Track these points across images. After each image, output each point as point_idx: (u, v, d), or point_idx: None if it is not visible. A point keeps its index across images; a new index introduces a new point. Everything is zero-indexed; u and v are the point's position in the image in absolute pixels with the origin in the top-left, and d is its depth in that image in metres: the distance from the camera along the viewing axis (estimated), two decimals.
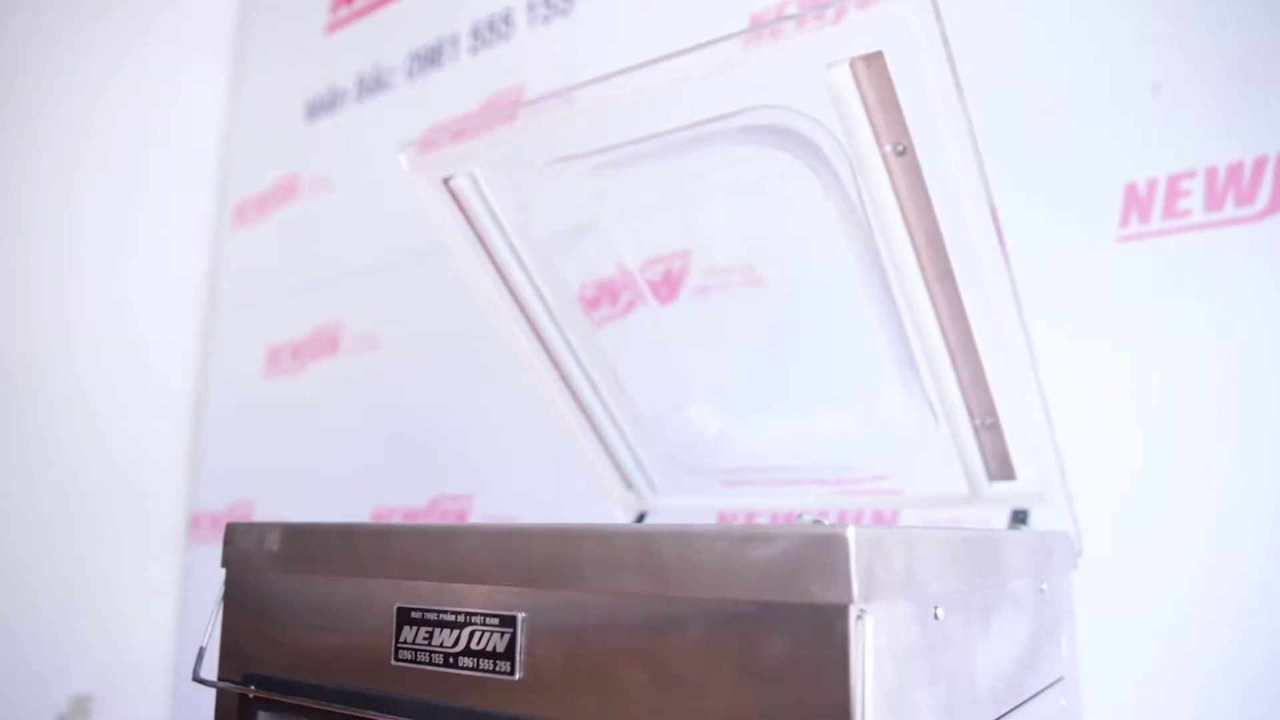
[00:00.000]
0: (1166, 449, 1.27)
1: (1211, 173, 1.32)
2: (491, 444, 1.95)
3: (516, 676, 0.64)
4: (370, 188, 2.36)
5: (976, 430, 1.02)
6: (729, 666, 0.55)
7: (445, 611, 0.69)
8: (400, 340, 2.22)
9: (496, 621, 0.66)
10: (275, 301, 2.58)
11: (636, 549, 0.59)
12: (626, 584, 0.59)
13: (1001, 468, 1.05)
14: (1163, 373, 1.29)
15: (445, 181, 1.09)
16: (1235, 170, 1.29)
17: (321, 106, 2.60)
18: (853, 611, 0.52)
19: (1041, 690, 0.89)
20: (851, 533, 0.52)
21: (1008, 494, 1.07)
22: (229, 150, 2.86)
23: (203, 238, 2.82)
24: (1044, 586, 0.94)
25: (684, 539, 0.57)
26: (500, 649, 0.65)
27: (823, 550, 0.53)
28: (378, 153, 2.20)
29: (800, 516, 0.56)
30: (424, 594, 0.70)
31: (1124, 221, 1.39)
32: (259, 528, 0.85)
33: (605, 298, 1.37)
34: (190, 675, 0.86)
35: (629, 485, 1.28)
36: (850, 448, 1.12)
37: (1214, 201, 1.32)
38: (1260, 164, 1.27)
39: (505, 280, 1.19)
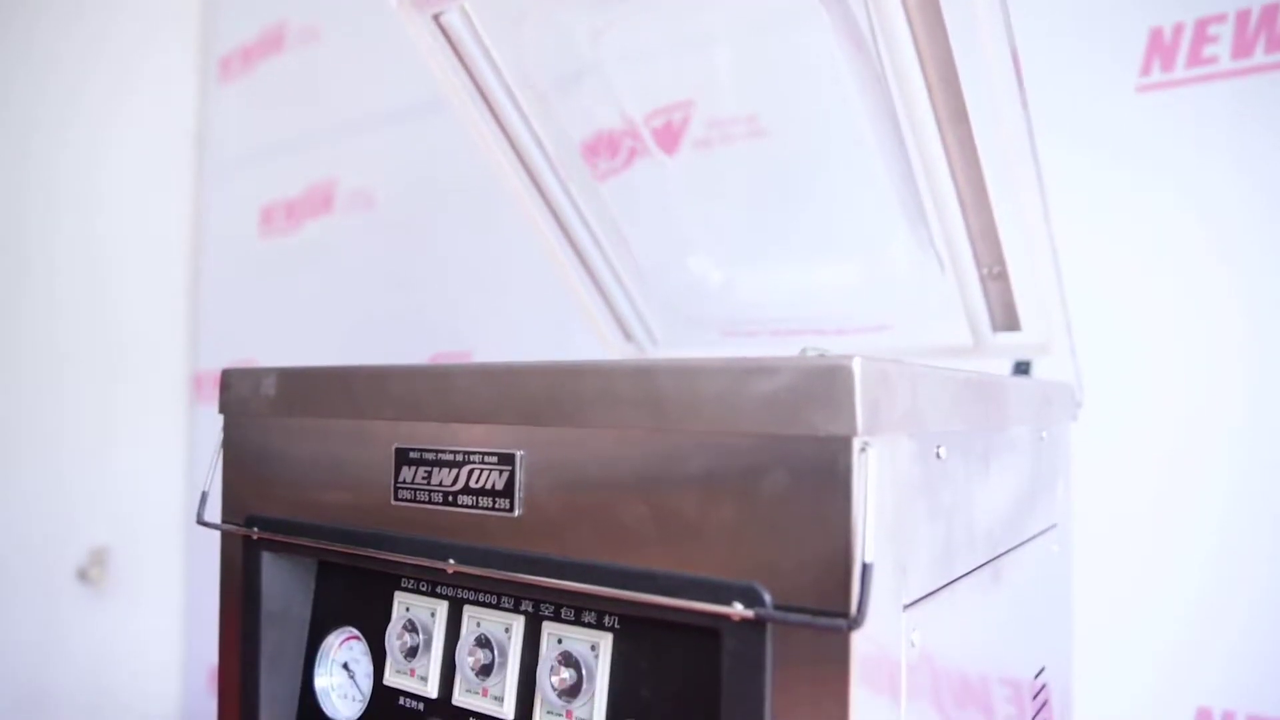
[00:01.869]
0: (1177, 306, 1.25)
1: (1243, 16, 1.26)
2: (491, 300, 1.93)
3: (516, 514, 0.64)
4: (360, 36, 2.27)
5: (983, 279, 1.00)
6: (730, 501, 0.55)
7: (444, 451, 0.68)
8: (396, 197, 2.17)
9: (495, 459, 0.65)
10: (266, 159, 2.52)
11: (637, 384, 0.58)
12: (627, 419, 0.59)
13: (1006, 318, 1.04)
14: (1178, 229, 1.26)
15: (435, 18, 1.04)
16: (1270, 13, 1.23)
17: None
18: (856, 444, 0.51)
19: (1036, 535, 0.91)
20: (857, 364, 0.51)
21: (1011, 345, 1.06)
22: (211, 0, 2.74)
23: (188, 94, 2.73)
24: (1044, 435, 0.94)
25: (685, 373, 0.56)
26: (499, 487, 0.65)
27: (827, 381, 0.51)
28: None
29: (804, 350, 0.54)
30: (422, 434, 0.70)
31: (1145, 69, 1.33)
32: (255, 373, 0.84)
33: (605, 150, 1.32)
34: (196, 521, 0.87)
35: (629, 337, 1.27)
36: (853, 298, 1.11)
37: (1243, 48, 1.26)
38: None
39: (504, 129, 1.14)
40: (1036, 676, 0.92)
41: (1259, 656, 1.21)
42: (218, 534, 0.87)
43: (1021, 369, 1.07)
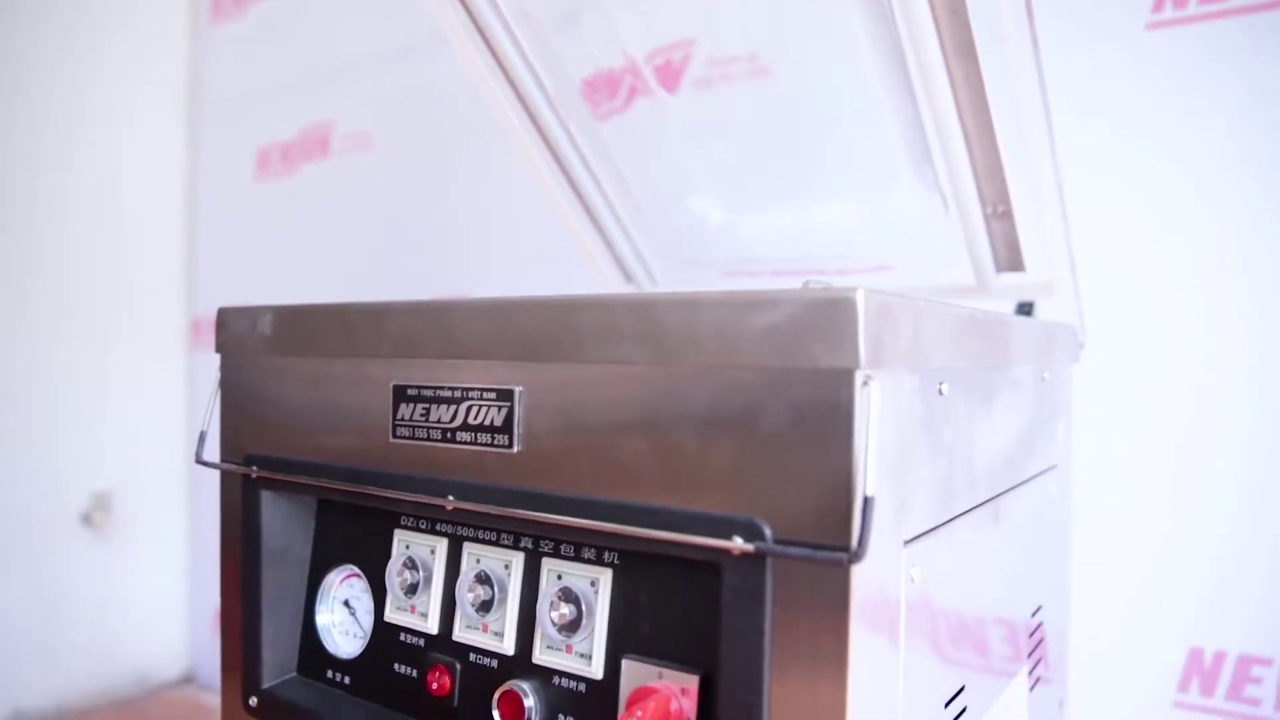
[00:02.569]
0: (1183, 248, 1.24)
1: None
2: (490, 243, 1.92)
3: (515, 450, 0.64)
4: None
5: (987, 219, 0.99)
6: (730, 435, 0.55)
7: (442, 387, 0.68)
8: (394, 139, 2.14)
9: (494, 395, 0.65)
10: (261, 102, 2.48)
11: (637, 317, 0.57)
12: (626, 354, 0.58)
13: (1010, 258, 1.03)
14: (1186, 170, 1.24)
15: None
16: None
17: None
18: (858, 377, 0.50)
19: (1035, 475, 0.91)
20: (860, 295, 0.50)
21: (1015, 285, 1.05)
22: None
23: (181, 35, 2.68)
24: (1045, 375, 0.93)
25: (685, 306, 0.55)
26: (498, 423, 0.64)
27: (829, 314, 0.51)
28: None
29: (806, 283, 0.54)
30: (420, 371, 0.69)
31: (1157, 5, 1.30)
32: (251, 311, 0.83)
33: (605, 88, 1.30)
34: (195, 460, 0.87)
35: (629, 278, 1.26)
36: (855, 238, 1.10)
37: None
38: None
39: (503, 68, 1.12)
40: (1033, 615, 0.93)
41: (1250, 598, 1.23)
42: (220, 476, 0.86)
43: (1024, 310, 1.06)
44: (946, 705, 0.67)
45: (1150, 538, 1.29)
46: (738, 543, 0.53)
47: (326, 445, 0.77)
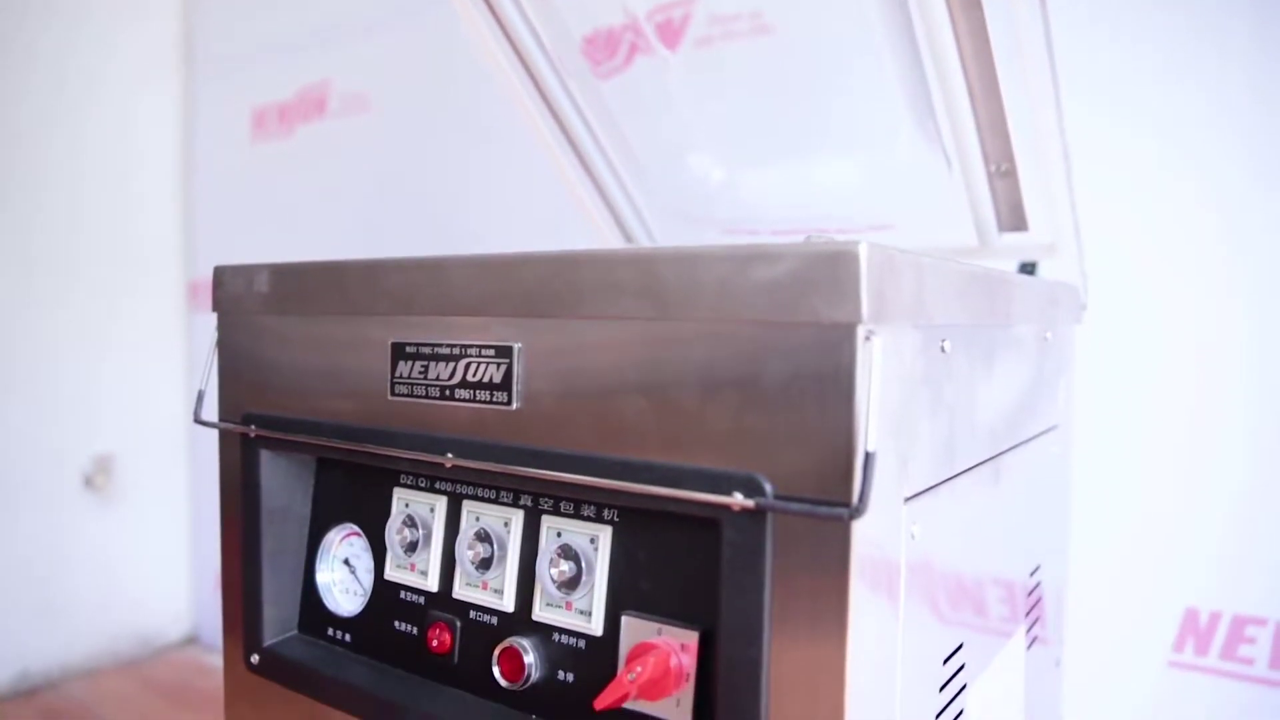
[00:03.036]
0: (1188, 209, 1.23)
1: None
2: (489, 204, 1.90)
3: (514, 407, 0.64)
4: None
5: (991, 177, 0.98)
6: (730, 391, 0.54)
7: (440, 345, 0.67)
8: (391, 99, 2.12)
9: (492, 352, 0.64)
10: (257, 61, 2.45)
11: (636, 272, 0.57)
12: (626, 309, 0.57)
13: (1014, 217, 1.02)
14: (1193, 131, 1.23)
15: None
16: None
17: None
18: (861, 332, 0.50)
19: (1036, 436, 0.90)
20: (863, 249, 0.49)
21: (1017, 245, 1.04)
22: None
23: None
24: (1048, 335, 0.93)
25: (686, 260, 0.55)
26: (497, 380, 0.64)
27: (831, 267, 0.50)
28: None
29: (808, 238, 0.53)
30: (418, 328, 0.69)
31: None
32: (247, 269, 0.83)
33: (605, 46, 1.28)
34: (193, 420, 0.87)
35: (628, 238, 1.25)
36: (856, 197, 1.09)
37: None
38: None
39: (502, 25, 1.11)
40: (1031, 575, 0.93)
41: (1245, 559, 1.23)
42: (218, 436, 0.86)
43: (1027, 270, 1.05)
44: (945, 662, 0.67)
45: (1148, 500, 1.29)
46: (738, 499, 0.53)
47: (325, 404, 0.76)
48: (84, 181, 2.44)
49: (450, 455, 0.66)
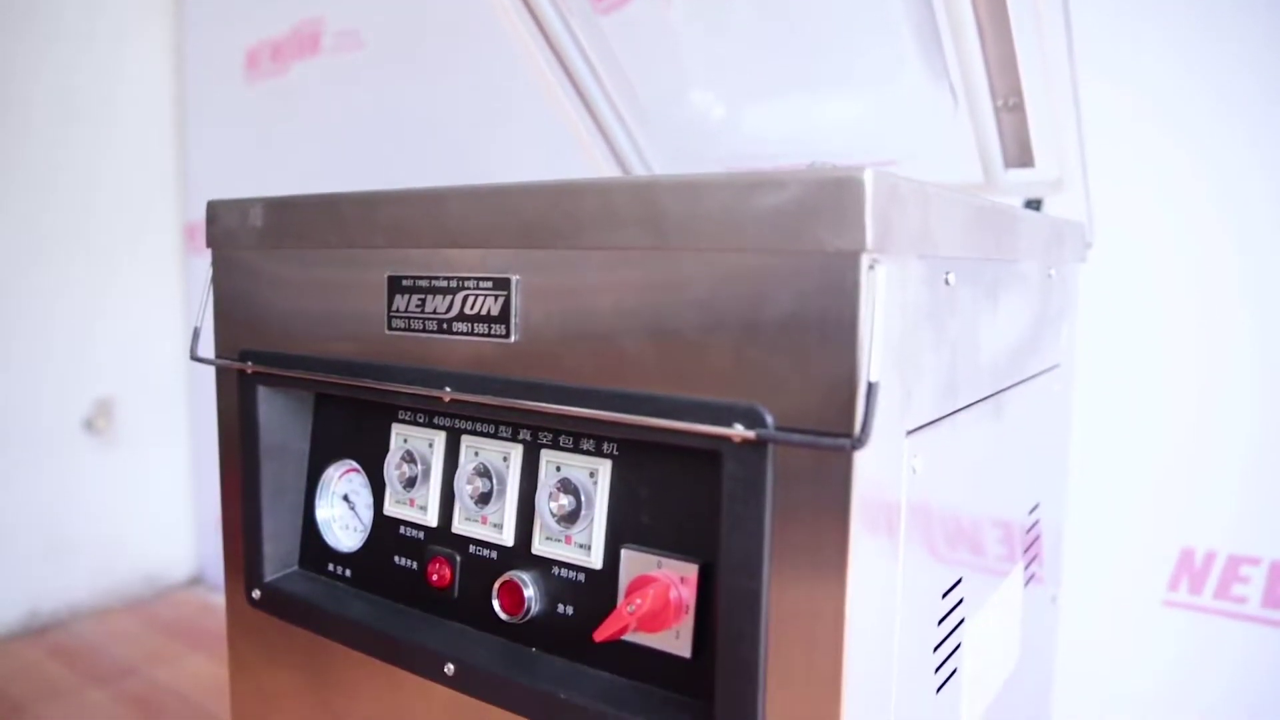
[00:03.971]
0: (1197, 146, 1.21)
1: None
2: (486, 142, 1.87)
3: (512, 340, 0.63)
4: None
5: (998, 111, 0.96)
6: (732, 321, 0.53)
7: (437, 277, 0.66)
8: (386, 36, 2.08)
9: (490, 284, 0.63)
10: None
11: (636, 201, 0.55)
12: (626, 239, 0.56)
13: (1020, 153, 1.00)
14: (1203, 70, 1.20)
15: None
16: None
17: None
18: (865, 260, 0.49)
19: (1038, 374, 0.90)
20: (868, 175, 0.48)
21: (1023, 182, 1.02)
22: None
23: None
24: (1052, 273, 0.92)
25: (687, 188, 0.54)
26: (495, 312, 0.63)
27: (836, 194, 0.49)
28: None
29: (811, 164, 0.52)
30: (415, 261, 0.68)
31: None
32: (241, 204, 0.81)
33: None
34: (190, 357, 0.86)
35: (628, 175, 1.23)
36: (860, 132, 1.07)
37: None
38: None
39: None
40: (1030, 513, 0.93)
41: (1240, 499, 1.24)
42: (215, 373, 0.85)
43: (1032, 207, 1.04)
44: (944, 596, 0.67)
45: (1146, 440, 1.29)
46: (738, 430, 0.52)
47: (322, 339, 0.75)
48: (77, 125, 2.41)
49: (448, 389, 0.66)
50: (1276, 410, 1.20)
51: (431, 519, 0.73)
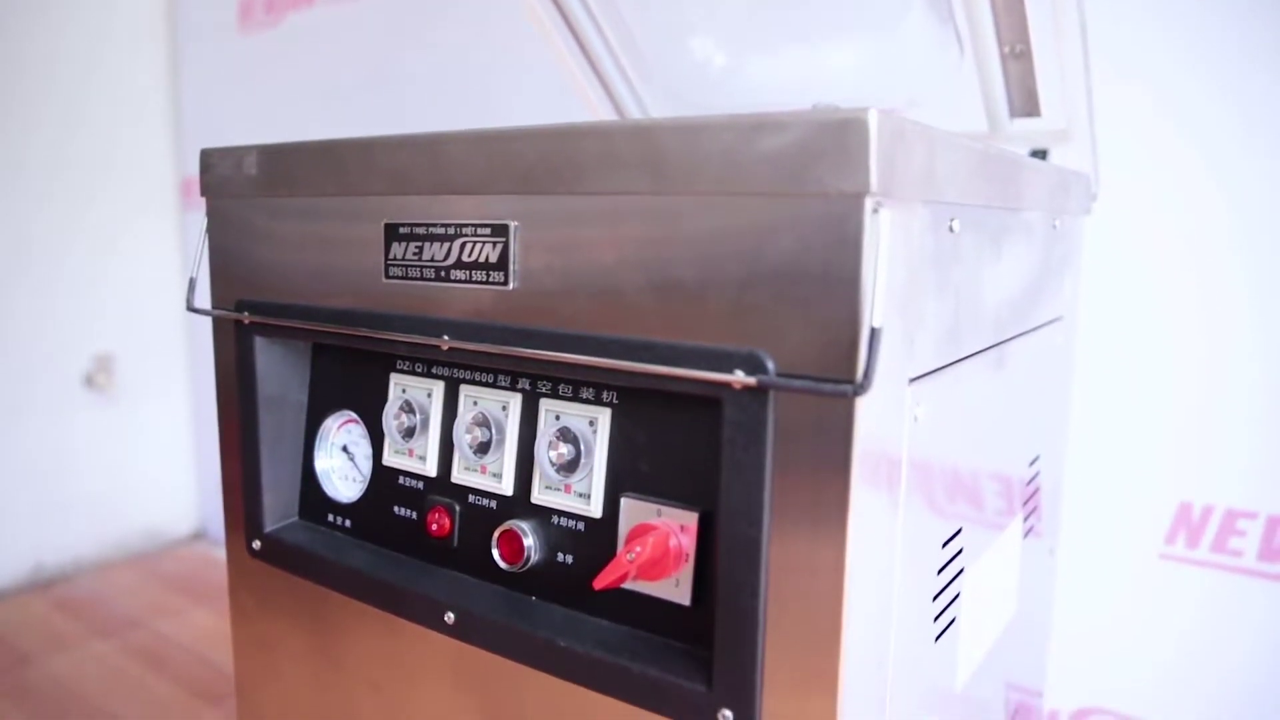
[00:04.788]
0: (1206, 97, 1.19)
1: None
2: (483, 92, 1.85)
3: (511, 287, 0.62)
4: None
5: (1004, 58, 0.95)
6: (733, 267, 0.53)
7: (435, 224, 0.65)
8: None
9: (488, 231, 0.62)
10: None
11: (636, 144, 0.54)
12: (625, 184, 0.55)
13: (1026, 102, 0.98)
14: (1215, 22, 1.18)
15: None
16: None
17: None
18: (869, 203, 0.48)
19: (1041, 325, 0.89)
20: (872, 116, 0.47)
21: (1029, 132, 1.01)
22: None
23: None
24: (1057, 224, 0.91)
25: (688, 131, 0.53)
26: (493, 259, 0.62)
27: (840, 136, 0.48)
28: None
29: (815, 106, 0.51)
30: (412, 207, 0.67)
31: None
32: (235, 151, 0.80)
33: None
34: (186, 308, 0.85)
35: None
36: (863, 81, 1.05)
37: None
38: None
39: None
40: (1030, 465, 0.93)
41: (1239, 454, 1.24)
42: (212, 324, 0.85)
43: (1037, 158, 1.02)
44: (944, 545, 0.67)
45: (1145, 395, 1.29)
46: (739, 376, 0.52)
47: (319, 288, 0.75)
48: (70, 81, 2.38)
49: (446, 338, 0.65)
50: (1277, 366, 1.20)
51: (431, 469, 0.73)
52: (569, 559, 0.66)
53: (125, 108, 2.51)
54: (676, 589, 0.61)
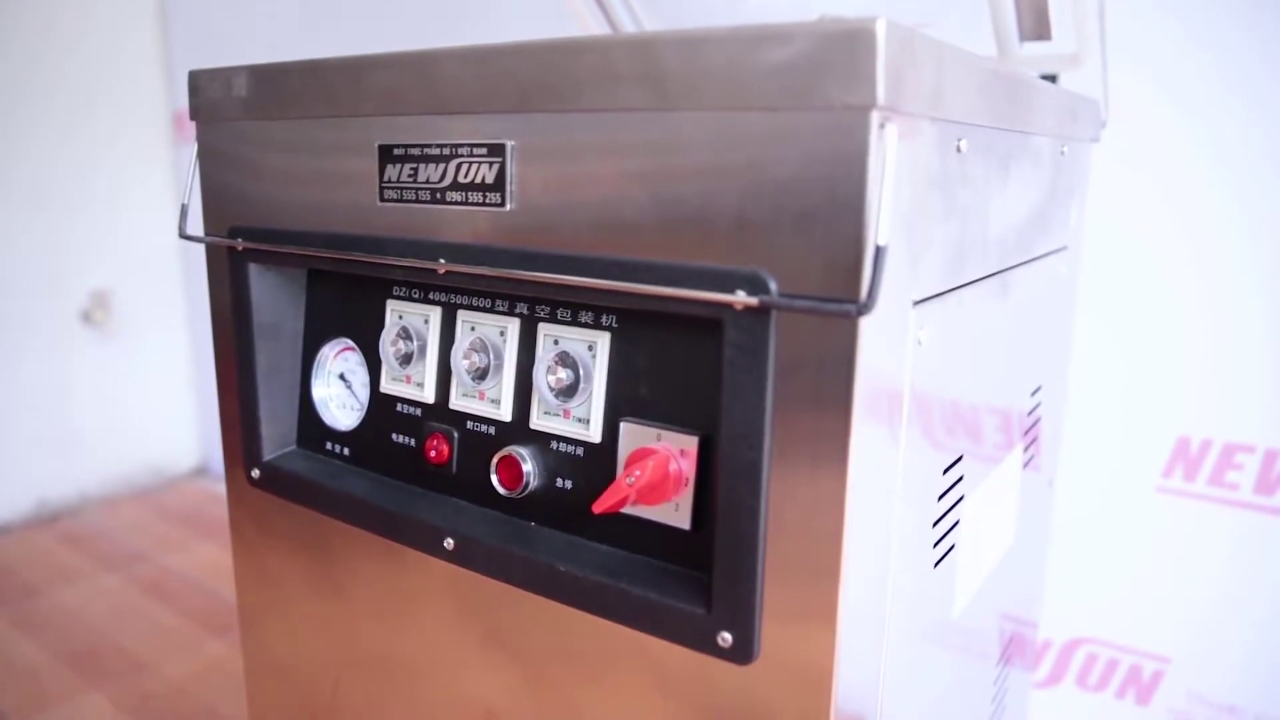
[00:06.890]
0: (1219, 38, 1.16)
1: None
2: (480, 16, 1.81)
3: (508, 208, 0.61)
4: None
5: None
6: (735, 185, 0.51)
7: (429, 145, 0.64)
8: None
9: (484, 151, 0.61)
10: None
11: (636, 58, 0.53)
12: (626, 100, 0.54)
13: (1037, 25, 0.96)
14: None
15: None
16: None
17: None
18: (875, 118, 0.47)
19: (1046, 254, 0.88)
20: (881, 26, 0.46)
21: (1038, 56, 0.98)
22: None
23: None
24: (1064, 150, 0.89)
25: (690, 44, 0.51)
26: (490, 180, 0.61)
27: (847, 48, 0.46)
28: None
29: (821, 17, 0.49)
30: (406, 129, 0.65)
31: None
32: (224, 72, 0.78)
33: None
34: (178, 235, 0.84)
35: None
36: (869, 2, 1.02)
37: None
38: None
39: None
40: (1032, 395, 0.92)
41: (1238, 388, 1.23)
42: (205, 252, 0.84)
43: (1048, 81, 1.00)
44: (945, 472, 0.67)
45: (1146, 328, 1.28)
46: (741, 296, 0.51)
47: (312, 213, 0.73)
48: (61, 13, 2.32)
49: (443, 261, 0.64)
50: (1278, 301, 1.19)
51: (429, 395, 0.73)
52: (568, 484, 0.66)
53: (114, 38, 2.46)
54: (676, 513, 0.60)
